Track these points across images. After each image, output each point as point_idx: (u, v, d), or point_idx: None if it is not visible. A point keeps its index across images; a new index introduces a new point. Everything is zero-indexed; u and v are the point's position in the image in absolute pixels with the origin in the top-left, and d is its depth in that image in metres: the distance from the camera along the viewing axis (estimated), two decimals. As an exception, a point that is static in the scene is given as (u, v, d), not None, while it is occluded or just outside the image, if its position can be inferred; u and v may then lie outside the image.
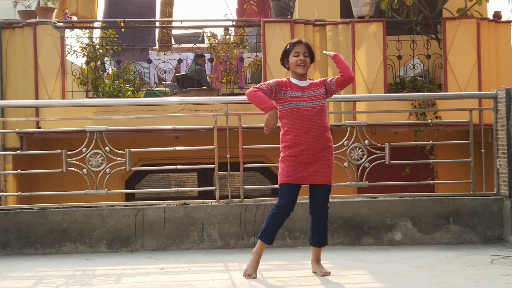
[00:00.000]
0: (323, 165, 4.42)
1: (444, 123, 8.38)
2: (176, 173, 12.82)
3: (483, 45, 9.68)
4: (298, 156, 4.39)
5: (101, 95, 10.00)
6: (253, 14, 11.54)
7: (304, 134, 4.38)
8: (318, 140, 4.39)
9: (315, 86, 4.50)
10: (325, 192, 4.48)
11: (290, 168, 4.41)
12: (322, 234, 4.53)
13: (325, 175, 4.44)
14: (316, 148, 4.39)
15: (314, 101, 4.42)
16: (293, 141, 4.41)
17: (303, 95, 4.44)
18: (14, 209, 5.75)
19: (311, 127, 4.38)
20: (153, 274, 4.67)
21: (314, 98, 4.43)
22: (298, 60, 4.46)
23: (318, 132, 4.39)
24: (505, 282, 4.20)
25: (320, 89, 4.48)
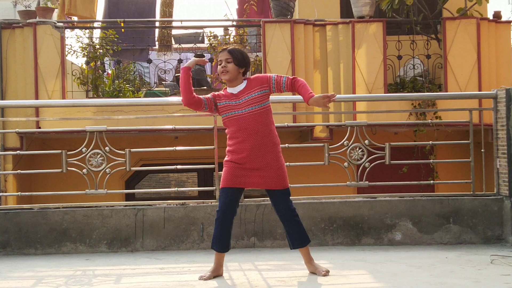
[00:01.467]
0: (271, 171, 4.38)
1: (444, 123, 8.39)
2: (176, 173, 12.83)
3: (483, 45, 9.69)
4: (241, 163, 4.37)
5: (101, 95, 10.00)
6: (253, 14, 11.54)
7: (244, 142, 4.35)
8: (259, 147, 4.35)
9: (251, 88, 4.40)
10: (283, 196, 4.44)
11: (230, 173, 4.39)
12: (298, 234, 4.49)
13: (275, 181, 4.39)
14: (258, 155, 4.35)
15: (250, 106, 4.35)
16: (234, 147, 4.39)
17: (238, 102, 4.38)
18: (14, 209, 5.75)
19: (250, 135, 4.34)
20: (153, 274, 4.68)
21: (250, 103, 4.36)
22: (220, 68, 4.44)
23: (257, 140, 4.34)
24: (505, 282, 4.20)
25: (256, 91, 4.38)
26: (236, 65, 4.42)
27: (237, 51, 4.48)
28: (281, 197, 4.45)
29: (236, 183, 4.39)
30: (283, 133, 10.08)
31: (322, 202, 5.76)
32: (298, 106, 9.20)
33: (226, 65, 4.42)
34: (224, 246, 4.46)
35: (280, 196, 4.45)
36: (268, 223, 5.65)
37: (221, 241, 4.45)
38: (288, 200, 4.48)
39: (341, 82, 9.65)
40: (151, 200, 7.97)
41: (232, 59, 4.42)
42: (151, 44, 11.62)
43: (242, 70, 4.46)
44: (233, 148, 4.41)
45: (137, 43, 10.98)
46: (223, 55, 4.45)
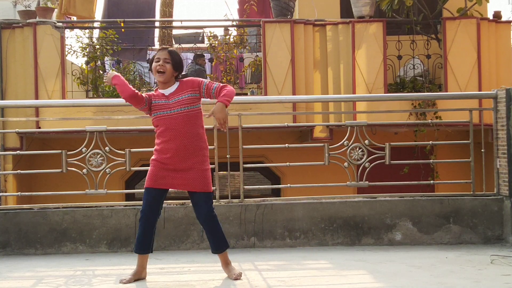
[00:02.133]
0: (194, 173, 4.33)
1: (444, 123, 8.39)
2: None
3: (483, 45, 9.69)
4: (165, 163, 4.33)
5: (101, 95, 10.00)
6: (253, 14, 11.54)
7: (169, 142, 4.31)
8: (185, 149, 4.31)
9: (182, 89, 4.37)
10: (205, 199, 4.38)
11: (154, 173, 4.36)
12: (218, 240, 4.43)
13: (198, 183, 4.34)
14: (183, 156, 4.30)
15: (180, 107, 4.32)
16: (160, 147, 4.36)
17: (168, 102, 4.35)
18: (14, 209, 5.74)
19: (177, 135, 4.30)
20: (153, 274, 4.67)
21: (180, 104, 4.33)
22: (157, 66, 4.36)
23: (184, 141, 4.31)
24: (505, 282, 4.20)
25: (188, 93, 4.36)
26: (172, 66, 4.37)
27: (176, 53, 4.44)
28: (205, 199, 4.37)
29: (159, 183, 4.35)
30: (283, 133, 10.14)
31: (322, 202, 5.76)
32: (298, 106, 9.20)
33: (164, 64, 4.35)
34: (145, 248, 4.41)
35: (204, 198, 4.37)
36: (268, 223, 5.65)
37: (143, 242, 4.40)
38: (210, 203, 4.41)
39: (341, 82, 9.65)
40: (151, 200, 7.94)
41: (170, 60, 4.37)
42: (150, 44, 11.62)
43: (176, 74, 4.42)
44: (159, 147, 4.37)
45: (136, 43, 10.99)
46: (163, 54, 4.38)
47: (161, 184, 4.36)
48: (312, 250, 5.48)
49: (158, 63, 4.37)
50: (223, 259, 4.50)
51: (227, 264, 4.50)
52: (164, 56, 4.37)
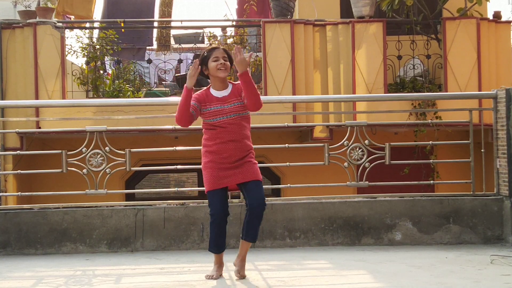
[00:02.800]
0: (247, 167, 4.40)
1: (444, 123, 8.38)
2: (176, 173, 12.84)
3: (483, 45, 9.69)
4: (222, 162, 4.38)
5: (101, 95, 10.00)
6: (253, 14, 11.54)
7: (228, 143, 4.36)
8: (240, 149, 4.38)
9: (235, 95, 4.42)
10: (258, 186, 4.42)
11: (213, 174, 4.40)
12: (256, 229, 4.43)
13: (252, 172, 4.40)
14: (236, 156, 4.37)
15: (236, 113, 4.38)
16: (216, 147, 4.39)
17: (224, 108, 4.39)
18: (14, 209, 5.75)
19: (233, 138, 4.37)
20: (153, 274, 4.68)
21: (236, 110, 4.38)
22: (218, 65, 4.39)
23: (239, 143, 4.38)
24: (505, 282, 4.20)
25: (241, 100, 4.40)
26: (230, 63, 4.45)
27: (229, 52, 4.51)
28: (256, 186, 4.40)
29: (220, 183, 4.40)
30: (283, 133, 10.14)
31: (322, 202, 5.76)
32: (298, 106, 9.20)
33: (225, 63, 4.41)
34: (221, 247, 4.49)
35: (255, 185, 4.41)
36: (268, 223, 5.65)
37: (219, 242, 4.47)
38: (262, 191, 4.46)
39: (341, 82, 9.65)
40: (151, 200, 7.96)
41: (228, 58, 4.44)
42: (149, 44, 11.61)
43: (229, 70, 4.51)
44: (214, 148, 4.39)
45: (136, 43, 10.99)
46: (220, 53, 4.42)
47: (222, 184, 4.42)
48: (312, 250, 5.48)
49: (218, 62, 4.40)
50: (244, 252, 4.48)
51: (243, 259, 4.49)
52: (222, 54, 4.43)
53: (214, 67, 4.42)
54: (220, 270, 4.52)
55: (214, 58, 4.42)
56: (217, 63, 4.40)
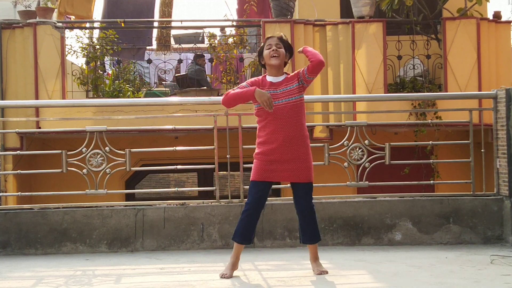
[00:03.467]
0: (300, 163, 4.42)
1: (444, 123, 8.38)
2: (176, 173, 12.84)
3: (483, 45, 9.69)
4: (269, 154, 4.40)
5: (101, 95, 10.01)
6: (253, 14, 11.54)
7: (276, 133, 4.38)
8: (291, 139, 4.38)
9: (288, 80, 4.46)
10: (306, 190, 4.47)
11: (259, 166, 4.43)
12: (313, 230, 4.52)
13: (303, 173, 4.43)
14: (288, 147, 4.38)
15: (287, 98, 4.39)
16: (266, 138, 4.43)
17: (276, 92, 4.41)
18: (14, 209, 5.75)
19: (284, 126, 4.37)
20: (153, 274, 4.68)
21: (287, 94, 4.40)
22: (271, 51, 4.44)
23: (291, 131, 4.38)
24: (505, 282, 4.20)
25: (294, 83, 4.43)
26: (285, 50, 4.48)
27: (286, 39, 4.53)
28: (306, 191, 4.47)
29: (266, 176, 4.43)
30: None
31: (322, 202, 5.76)
32: (298, 106, 9.19)
33: (277, 49, 4.44)
34: (248, 238, 4.50)
35: (305, 190, 4.46)
36: (268, 223, 5.65)
37: (246, 233, 4.47)
38: (310, 195, 4.50)
39: (341, 82, 9.65)
40: (151, 200, 7.96)
41: (282, 45, 4.47)
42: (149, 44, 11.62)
43: (286, 59, 4.52)
44: (264, 139, 4.44)
45: (136, 43, 10.99)
46: (273, 40, 4.46)
47: (268, 177, 4.43)
48: (312, 250, 5.48)
49: (271, 49, 4.44)
50: (313, 252, 4.56)
51: (315, 258, 4.56)
52: (276, 42, 4.47)
53: (267, 55, 4.46)
54: (235, 266, 4.52)
55: (267, 46, 4.47)
56: (270, 50, 4.44)
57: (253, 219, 4.47)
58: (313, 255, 4.59)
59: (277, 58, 4.44)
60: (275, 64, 4.44)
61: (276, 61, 4.44)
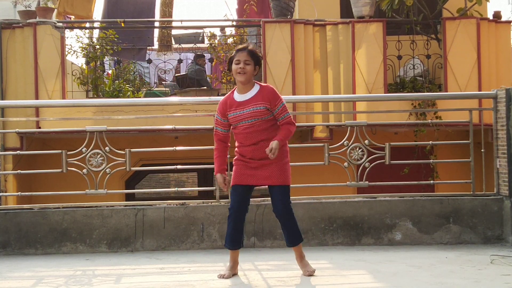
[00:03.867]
0: (274, 167, 4.43)
1: (444, 123, 8.39)
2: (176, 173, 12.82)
3: (483, 45, 9.69)
4: (247, 162, 4.45)
5: (101, 95, 10.01)
6: (253, 14, 11.54)
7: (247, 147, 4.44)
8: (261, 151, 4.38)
9: (258, 99, 4.40)
10: (281, 193, 4.46)
11: (238, 171, 4.48)
12: (292, 233, 4.52)
13: (277, 176, 4.43)
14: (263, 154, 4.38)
15: (253, 118, 4.39)
16: (240, 149, 4.50)
17: (243, 112, 4.40)
18: (14, 209, 5.75)
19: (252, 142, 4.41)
20: (153, 274, 4.68)
21: (253, 115, 4.39)
22: (238, 68, 4.39)
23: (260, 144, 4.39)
24: (505, 282, 4.20)
25: (263, 105, 4.37)
26: (253, 67, 4.43)
27: (256, 52, 4.47)
28: (281, 193, 4.46)
29: (243, 180, 4.46)
30: (283, 133, 10.11)
31: (322, 202, 5.76)
32: (298, 106, 9.20)
33: (244, 66, 4.39)
34: (237, 243, 4.51)
35: (280, 192, 4.46)
36: (268, 223, 5.65)
37: (234, 238, 4.48)
38: (286, 197, 4.48)
39: (341, 82, 9.65)
40: (151, 200, 7.96)
41: (251, 61, 4.41)
42: (150, 44, 11.62)
43: (256, 72, 4.48)
44: (239, 150, 4.51)
45: (136, 43, 10.99)
46: (243, 56, 4.41)
47: (245, 181, 4.46)
48: (312, 250, 5.47)
49: (238, 66, 4.40)
50: (297, 253, 4.57)
51: (301, 258, 4.57)
52: (244, 58, 4.40)
53: (234, 70, 4.43)
54: (233, 269, 4.54)
55: (236, 60, 4.43)
56: (237, 66, 4.40)
57: (238, 223, 4.47)
58: (298, 254, 4.57)
59: (243, 76, 4.39)
60: (241, 80, 4.41)
61: (241, 78, 4.40)
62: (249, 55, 4.41)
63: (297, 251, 4.57)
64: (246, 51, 4.43)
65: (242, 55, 4.41)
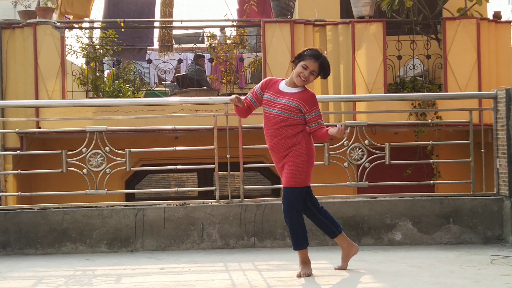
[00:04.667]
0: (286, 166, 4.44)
1: (444, 123, 8.38)
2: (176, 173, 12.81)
3: (483, 45, 9.69)
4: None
5: (101, 95, 10.01)
6: (253, 14, 11.54)
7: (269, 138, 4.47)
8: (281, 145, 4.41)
9: (296, 96, 4.40)
10: (286, 194, 4.47)
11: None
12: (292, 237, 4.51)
13: (285, 177, 4.45)
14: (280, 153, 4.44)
15: (281, 110, 4.39)
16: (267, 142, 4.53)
17: (275, 100, 4.42)
18: (14, 209, 5.75)
19: (272, 134, 4.43)
20: (153, 274, 4.68)
21: (283, 108, 4.39)
22: (302, 73, 4.39)
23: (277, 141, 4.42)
24: (505, 282, 4.20)
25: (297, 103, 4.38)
26: (315, 77, 4.47)
27: (326, 66, 4.46)
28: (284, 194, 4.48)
29: None
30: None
31: (322, 202, 5.71)
32: (298, 106, 9.19)
33: (309, 76, 4.40)
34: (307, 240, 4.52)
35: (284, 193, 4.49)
36: (268, 223, 5.65)
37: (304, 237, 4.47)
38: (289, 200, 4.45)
39: (341, 82, 9.65)
40: (151, 200, 7.96)
41: (317, 72, 4.43)
42: (150, 44, 11.62)
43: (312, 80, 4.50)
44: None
45: (136, 43, 10.99)
46: (313, 65, 4.40)
47: None
48: (312, 250, 5.45)
49: (304, 72, 4.39)
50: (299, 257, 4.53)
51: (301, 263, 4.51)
52: (313, 68, 4.41)
53: (296, 72, 4.42)
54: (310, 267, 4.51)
55: (304, 65, 4.39)
56: (302, 72, 4.39)
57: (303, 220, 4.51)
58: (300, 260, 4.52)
59: (302, 82, 4.42)
60: (298, 84, 4.44)
61: (300, 83, 4.43)
62: (319, 68, 4.43)
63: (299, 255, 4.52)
64: (319, 62, 4.42)
65: (314, 65, 4.41)
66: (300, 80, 4.40)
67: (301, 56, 4.44)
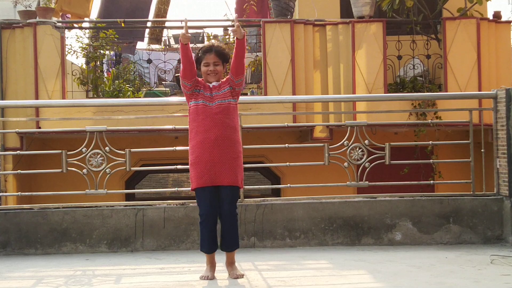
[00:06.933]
0: (226, 166, 4.40)
1: (444, 123, 8.39)
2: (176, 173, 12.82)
3: (483, 45, 9.69)
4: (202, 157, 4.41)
5: (101, 95, 10.00)
6: (253, 14, 11.53)
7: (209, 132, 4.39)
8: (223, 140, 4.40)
9: (222, 85, 4.52)
10: (230, 194, 4.43)
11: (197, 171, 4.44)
12: (232, 238, 4.48)
13: (227, 176, 4.40)
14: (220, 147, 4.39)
15: (219, 99, 4.45)
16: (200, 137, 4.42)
17: (211, 95, 4.47)
18: (14, 209, 5.75)
19: (214, 126, 4.40)
20: (153, 274, 4.68)
21: (220, 97, 4.46)
22: (208, 71, 4.49)
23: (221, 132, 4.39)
24: (505, 282, 4.20)
25: (226, 87, 4.49)
26: (222, 66, 4.54)
27: (222, 50, 4.54)
28: (230, 195, 4.43)
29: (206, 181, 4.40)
30: (283, 133, 10.14)
31: (322, 202, 5.76)
32: (298, 106, 9.21)
33: (214, 68, 4.49)
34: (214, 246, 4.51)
35: (229, 193, 4.43)
36: (268, 223, 5.65)
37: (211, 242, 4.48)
38: (234, 200, 4.46)
39: (341, 82, 9.65)
40: (151, 200, 7.96)
41: (219, 61, 4.50)
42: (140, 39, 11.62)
43: (224, 70, 4.58)
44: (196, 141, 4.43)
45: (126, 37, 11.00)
46: (211, 58, 4.48)
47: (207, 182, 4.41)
48: (312, 250, 5.48)
49: (208, 68, 4.48)
50: (229, 258, 4.53)
51: (231, 263, 4.53)
52: (213, 59, 4.49)
53: (204, 73, 4.53)
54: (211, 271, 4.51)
55: (205, 63, 4.50)
56: (207, 69, 4.49)
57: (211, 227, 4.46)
58: (229, 260, 4.53)
59: (215, 76, 4.51)
60: (212, 80, 4.52)
61: (214, 79, 4.51)
62: (217, 56, 4.50)
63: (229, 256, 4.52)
64: (213, 52, 4.49)
65: (210, 57, 4.49)
66: (212, 76, 4.49)
67: (198, 59, 4.54)
